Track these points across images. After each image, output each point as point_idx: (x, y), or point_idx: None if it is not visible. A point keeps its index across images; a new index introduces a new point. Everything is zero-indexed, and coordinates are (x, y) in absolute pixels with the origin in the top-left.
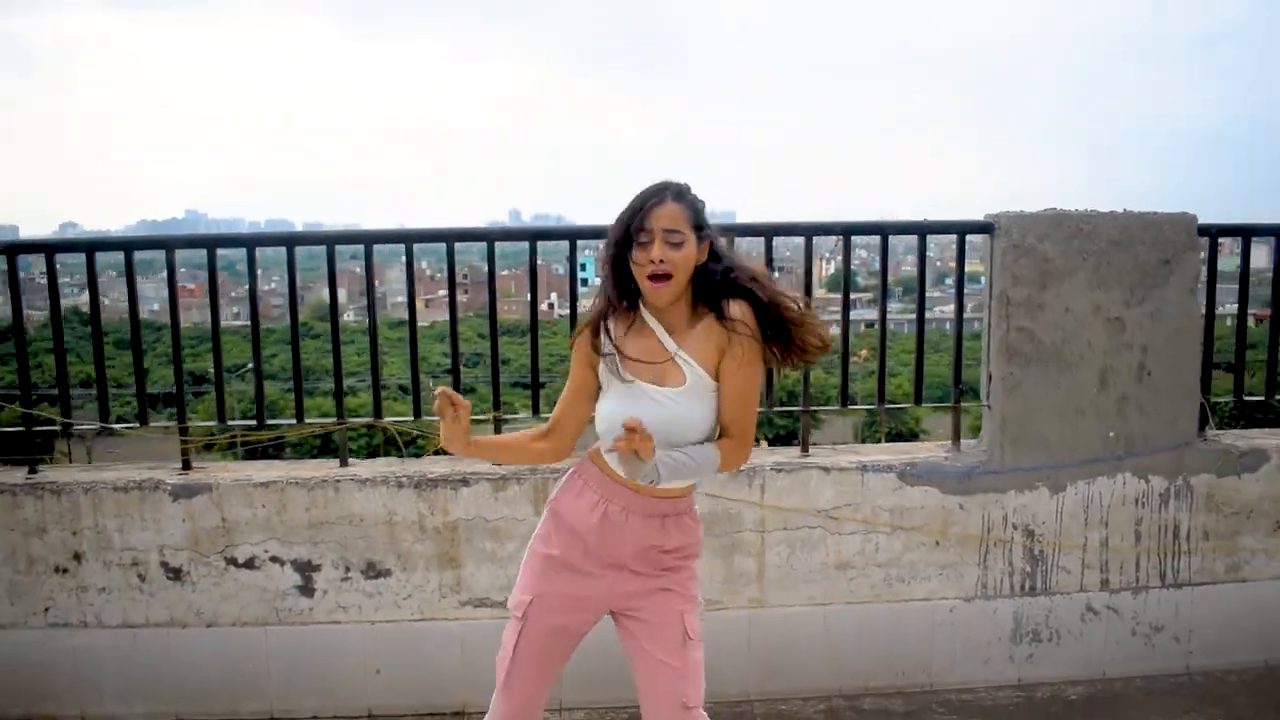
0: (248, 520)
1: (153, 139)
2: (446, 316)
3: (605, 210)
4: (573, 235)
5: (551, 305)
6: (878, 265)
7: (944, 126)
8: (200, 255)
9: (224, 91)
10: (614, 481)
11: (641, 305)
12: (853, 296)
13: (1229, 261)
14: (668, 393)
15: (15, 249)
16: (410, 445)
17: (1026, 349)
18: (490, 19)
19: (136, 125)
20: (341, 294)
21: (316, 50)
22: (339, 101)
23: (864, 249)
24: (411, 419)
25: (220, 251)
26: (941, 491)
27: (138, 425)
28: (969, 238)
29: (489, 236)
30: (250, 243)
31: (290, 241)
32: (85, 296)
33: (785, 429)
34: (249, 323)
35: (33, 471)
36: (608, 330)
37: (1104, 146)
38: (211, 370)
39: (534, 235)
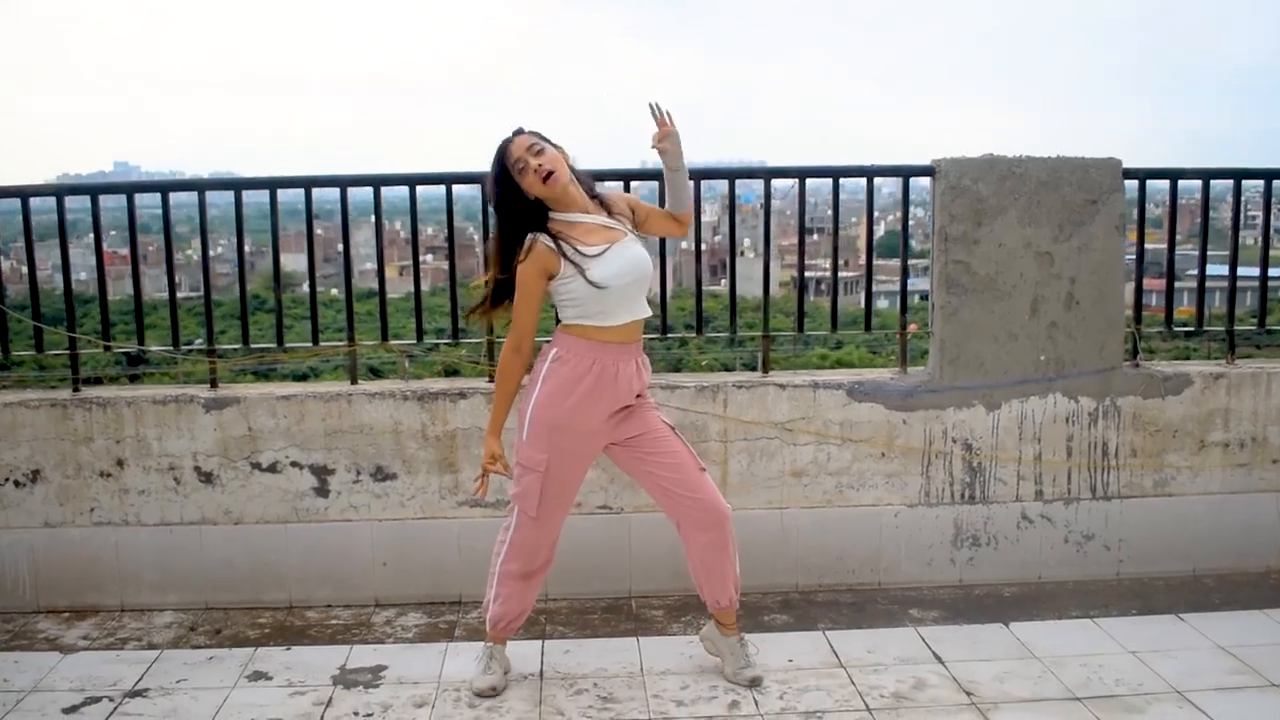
0: (271, 429)
1: (72, 89)
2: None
3: (612, 161)
4: None
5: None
6: (927, 219)
7: (973, 79)
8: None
9: (165, 38)
10: (600, 341)
11: (553, 217)
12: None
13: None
14: (628, 241)
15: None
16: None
17: (963, 279)
18: None
19: (52, 75)
20: (304, 259)
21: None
22: (306, 47)
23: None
24: (415, 342)
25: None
26: (886, 407)
27: (172, 348)
28: (916, 180)
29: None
30: (237, 186)
31: (272, 185)
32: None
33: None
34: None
35: (76, 390)
36: (561, 243)
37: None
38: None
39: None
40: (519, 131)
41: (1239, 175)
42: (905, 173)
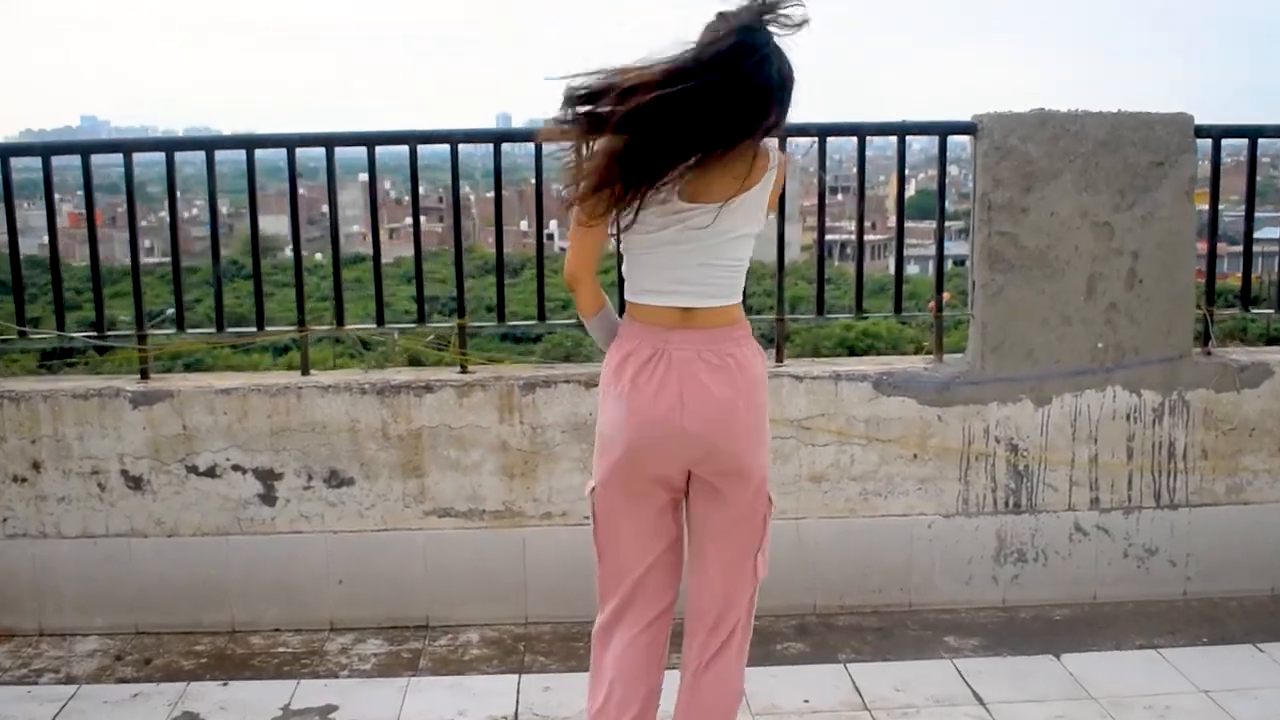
0: (209, 428)
1: (33, 41)
2: (411, 252)
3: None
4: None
5: (551, 236)
6: (970, 184)
7: (1010, 34)
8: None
9: None
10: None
11: None
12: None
13: None
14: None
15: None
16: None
17: (1009, 254)
18: None
19: (15, 22)
20: (283, 221)
21: None
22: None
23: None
24: (375, 326)
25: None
26: (919, 402)
27: (94, 335)
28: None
29: (451, 139)
30: (209, 145)
31: (249, 144)
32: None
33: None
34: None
35: None
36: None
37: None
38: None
39: (499, 137)
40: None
41: None
42: (942, 130)
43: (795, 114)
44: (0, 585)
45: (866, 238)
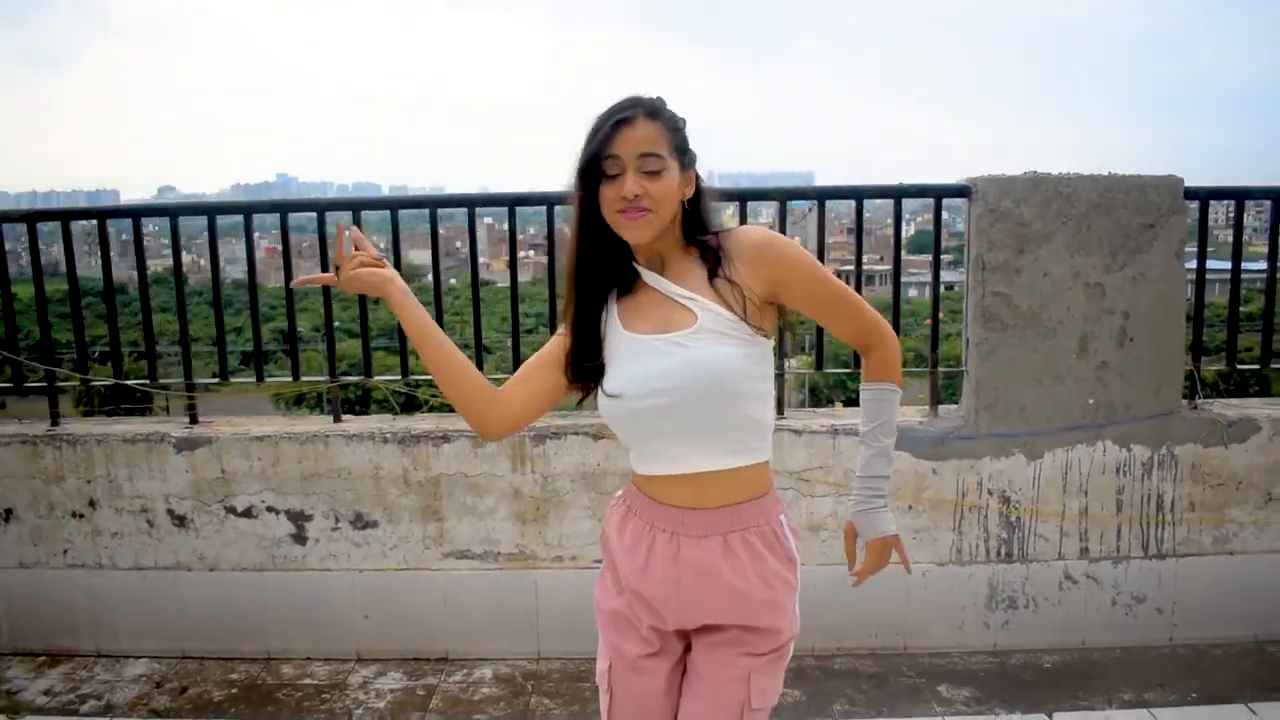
0: (245, 471)
1: (248, 105)
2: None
3: None
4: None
5: None
6: (961, 228)
7: (1022, 94)
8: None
9: (319, 59)
10: (650, 498)
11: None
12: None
13: None
14: (674, 338)
15: (33, 217)
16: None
17: (1002, 314)
18: None
19: (232, 91)
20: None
21: (412, 17)
22: (431, 69)
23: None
24: (399, 378)
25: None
26: (913, 455)
27: (148, 382)
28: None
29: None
30: (242, 210)
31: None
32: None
33: None
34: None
35: (54, 424)
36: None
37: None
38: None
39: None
40: (650, 111)
41: None
42: (937, 193)
43: (794, 177)
44: (61, 611)
45: (869, 274)
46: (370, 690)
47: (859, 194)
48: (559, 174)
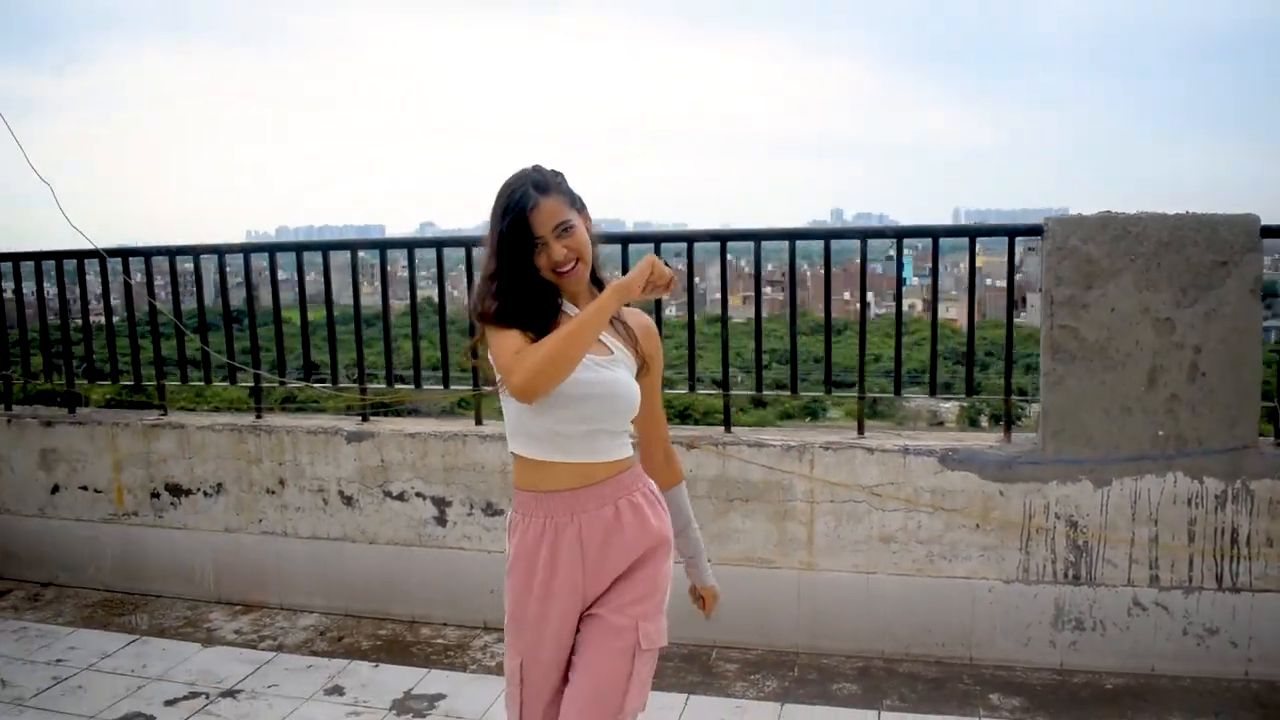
0: (399, 462)
1: (500, 141)
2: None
3: (925, 209)
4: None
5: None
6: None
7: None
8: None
9: (562, 95)
10: (544, 492)
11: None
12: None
13: None
14: (599, 359)
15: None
16: None
17: (1070, 346)
18: (820, 20)
19: (484, 129)
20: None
21: (650, 53)
22: (670, 104)
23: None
24: None
25: None
26: (980, 477)
27: (331, 384)
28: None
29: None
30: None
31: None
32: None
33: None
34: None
35: (258, 416)
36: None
37: None
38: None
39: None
40: (541, 187)
41: None
42: (1010, 232)
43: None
44: (254, 571)
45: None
46: (487, 652)
47: (934, 233)
48: (803, 207)
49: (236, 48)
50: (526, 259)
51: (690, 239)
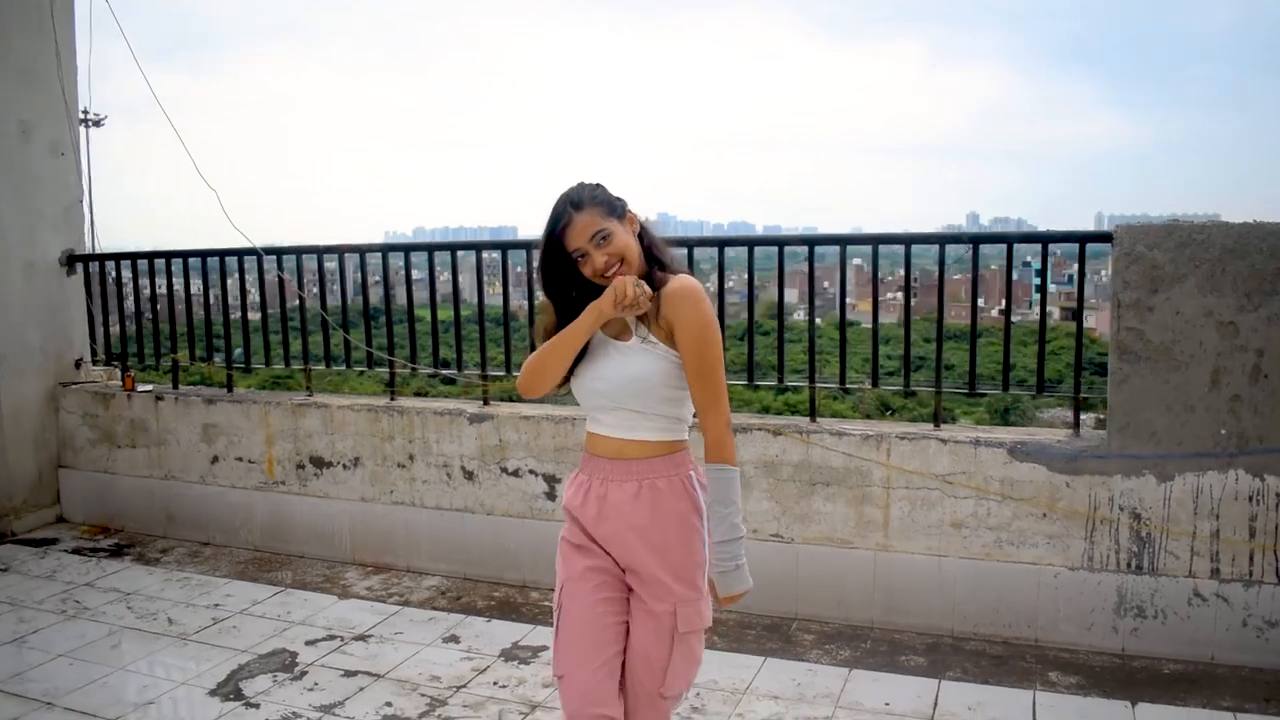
0: (515, 442)
1: (629, 146)
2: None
3: (1066, 214)
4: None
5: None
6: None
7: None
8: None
9: (692, 101)
10: (592, 455)
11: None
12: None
13: None
14: (619, 345)
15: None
16: None
17: (1135, 346)
18: (966, 22)
19: (612, 133)
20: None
21: (789, 58)
22: (809, 109)
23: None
24: None
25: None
26: (1048, 469)
27: (456, 370)
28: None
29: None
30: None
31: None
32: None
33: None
34: None
35: (391, 399)
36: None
37: None
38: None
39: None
40: (577, 203)
41: None
42: (1080, 238)
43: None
44: (385, 536)
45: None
46: None
47: (1008, 239)
48: (944, 210)
49: (366, 51)
50: (571, 273)
51: (749, 243)
